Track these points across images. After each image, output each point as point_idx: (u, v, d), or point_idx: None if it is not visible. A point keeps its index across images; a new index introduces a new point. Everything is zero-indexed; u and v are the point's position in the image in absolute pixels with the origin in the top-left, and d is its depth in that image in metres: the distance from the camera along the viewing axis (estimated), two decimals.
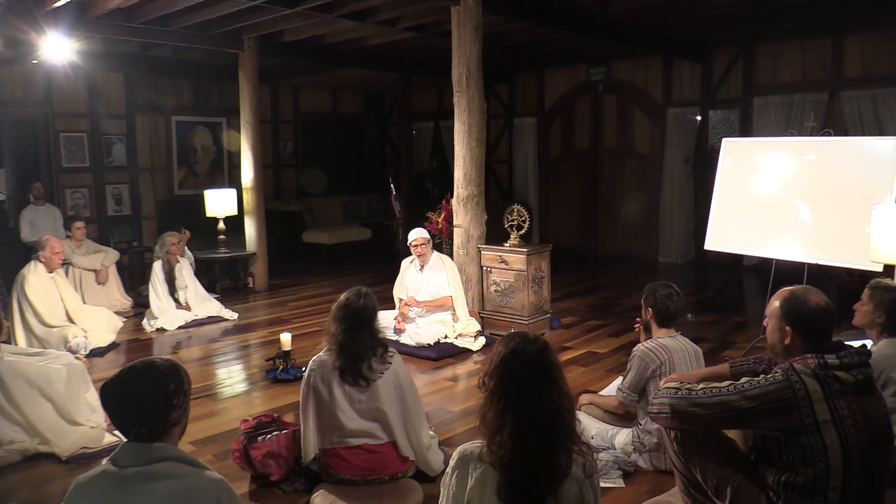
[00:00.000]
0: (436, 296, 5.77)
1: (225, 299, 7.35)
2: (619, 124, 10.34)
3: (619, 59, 10.00)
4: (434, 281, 5.79)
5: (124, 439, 1.80)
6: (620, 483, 3.29)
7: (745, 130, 8.91)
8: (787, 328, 2.22)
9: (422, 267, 5.84)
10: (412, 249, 5.80)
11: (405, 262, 6.01)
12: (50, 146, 9.08)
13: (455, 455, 2.01)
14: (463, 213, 5.98)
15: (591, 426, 3.55)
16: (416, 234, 5.80)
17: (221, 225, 8.21)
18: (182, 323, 6.50)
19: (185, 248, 7.26)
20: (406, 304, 5.80)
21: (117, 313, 6.52)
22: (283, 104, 11.79)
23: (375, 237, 11.06)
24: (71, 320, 5.60)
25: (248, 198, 8.33)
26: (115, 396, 1.78)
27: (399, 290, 5.96)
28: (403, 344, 5.51)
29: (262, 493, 3.27)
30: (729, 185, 5.61)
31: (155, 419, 1.76)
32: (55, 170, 9.12)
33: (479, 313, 6.06)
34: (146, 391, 1.76)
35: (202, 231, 9.14)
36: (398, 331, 5.70)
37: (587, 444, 2.03)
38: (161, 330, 6.39)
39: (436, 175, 12.12)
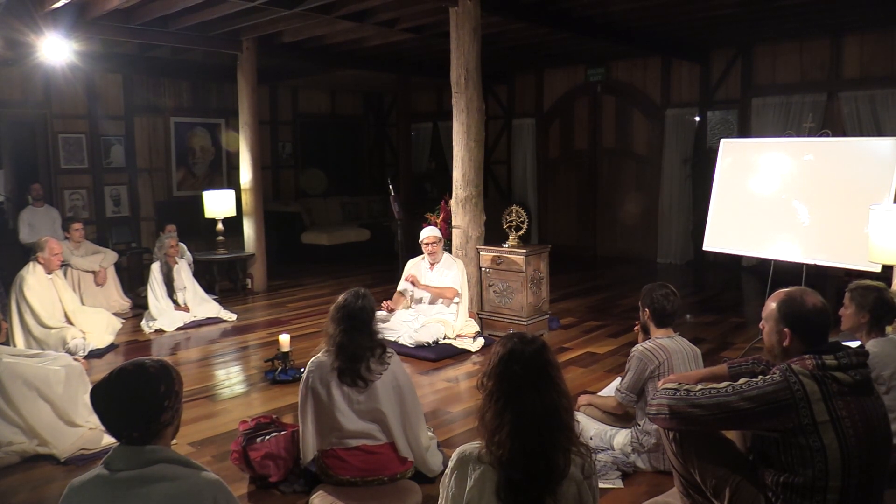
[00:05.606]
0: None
1: (224, 300, 7.35)
2: (618, 125, 10.34)
3: (617, 59, 10.00)
4: (444, 279, 5.79)
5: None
6: (619, 484, 3.29)
7: (744, 131, 8.91)
8: (785, 330, 2.22)
9: (432, 265, 5.84)
10: (423, 247, 5.81)
11: (413, 261, 5.98)
12: (48, 147, 9.08)
13: (454, 456, 2.01)
14: (461, 213, 5.98)
15: (589, 427, 3.55)
16: (429, 232, 5.82)
17: (220, 226, 8.20)
18: (181, 324, 6.50)
19: (185, 248, 7.26)
20: (406, 297, 5.84)
21: (116, 314, 6.53)
22: (281, 105, 11.79)
23: (374, 238, 11.05)
24: (69, 322, 5.59)
25: (246, 199, 8.33)
26: (105, 399, 1.75)
27: (402, 286, 5.95)
28: (402, 345, 5.51)
29: (261, 494, 3.26)
30: (727, 186, 5.62)
31: (146, 421, 1.73)
32: (54, 171, 9.12)
33: (477, 314, 6.06)
34: (136, 393, 1.74)
35: (201, 232, 9.15)
36: (387, 313, 5.76)
37: (586, 444, 2.03)
38: (160, 331, 6.39)
39: (434, 176, 12.13)
